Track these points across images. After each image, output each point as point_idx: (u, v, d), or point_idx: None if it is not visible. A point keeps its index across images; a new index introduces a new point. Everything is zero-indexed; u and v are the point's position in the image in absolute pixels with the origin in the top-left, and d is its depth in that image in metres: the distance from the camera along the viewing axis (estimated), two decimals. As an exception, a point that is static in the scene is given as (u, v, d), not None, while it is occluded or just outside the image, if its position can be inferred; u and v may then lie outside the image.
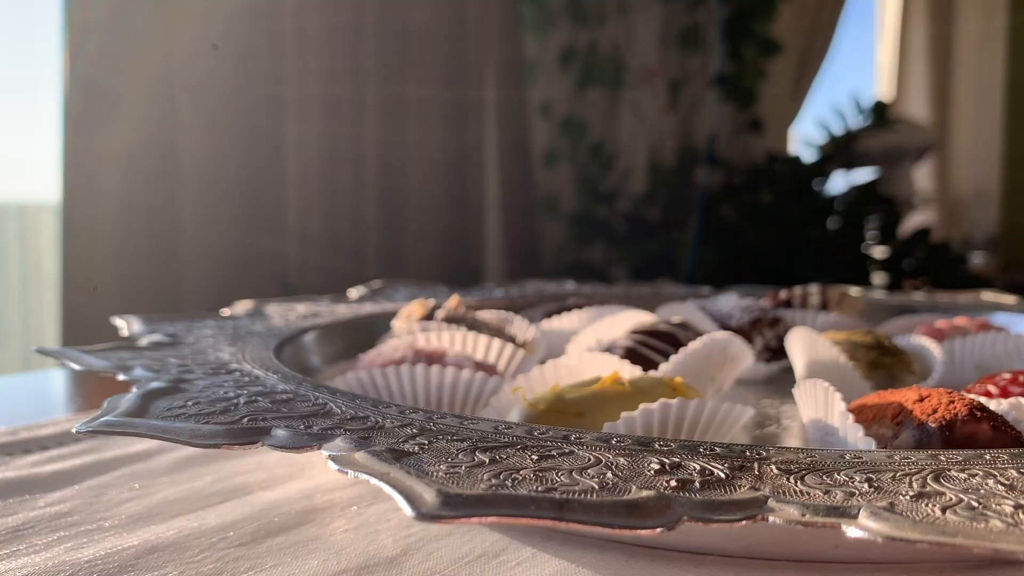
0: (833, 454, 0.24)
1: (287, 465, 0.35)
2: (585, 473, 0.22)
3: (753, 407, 0.35)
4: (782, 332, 0.54)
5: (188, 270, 1.33)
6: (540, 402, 0.33)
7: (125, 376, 0.35)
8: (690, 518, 0.20)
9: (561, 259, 1.92)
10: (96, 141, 1.22)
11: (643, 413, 0.31)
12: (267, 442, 0.26)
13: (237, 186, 1.38)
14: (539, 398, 0.33)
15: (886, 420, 0.31)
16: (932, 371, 0.45)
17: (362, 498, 0.31)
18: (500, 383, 0.41)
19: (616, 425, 0.31)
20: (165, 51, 1.29)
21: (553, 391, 0.34)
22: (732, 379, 0.46)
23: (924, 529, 0.18)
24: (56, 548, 0.27)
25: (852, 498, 0.20)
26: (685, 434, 0.33)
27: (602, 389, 0.33)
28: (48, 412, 0.46)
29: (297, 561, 0.26)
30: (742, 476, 0.22)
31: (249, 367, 0.38)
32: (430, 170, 1.68)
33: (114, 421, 0.28)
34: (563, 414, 0.32)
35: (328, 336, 0.56)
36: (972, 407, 0.29)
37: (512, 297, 0.76)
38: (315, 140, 1.49)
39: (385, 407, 0.30)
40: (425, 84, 1.66)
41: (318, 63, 1.48)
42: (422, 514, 0.19)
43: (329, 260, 1.51)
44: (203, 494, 0.32)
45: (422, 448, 0.24)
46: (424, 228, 1.66)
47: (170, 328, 0.49)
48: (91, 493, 0.32)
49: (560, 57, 2.00)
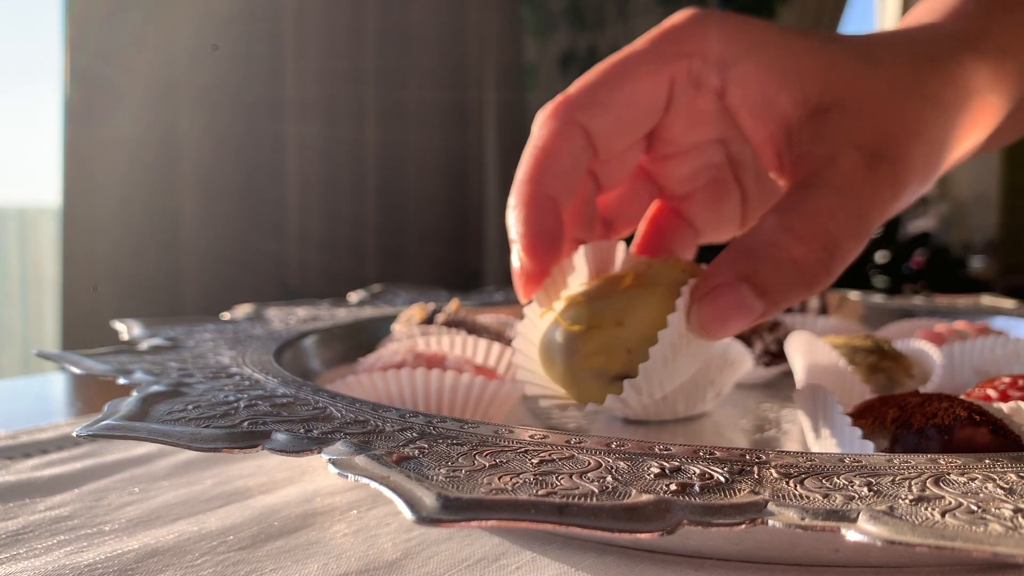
0: (832, 458, 0.24)
1: (287, 469, 0.35)
2: (585, 477, 0.22)
3: (752, 410, 0.35)
4: (781, 336, 0.54)
5: (188, 273, 1.33)
6: (578, 321, 0.31)
7: (125, 380, 0.35)
8: (690, 522, 0.20)
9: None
10: (96, 141, 1.22)
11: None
12: (267, 446, 0.26)
13: (237, 189, 1.38)
14: (574, 316, 0.32)
15: (885, 424, 0.31)
16: (931, 375, 0.45)
17: (362, 502, 0.31)
18: (500, 386, 0.41)
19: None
20: (165, 50, 1.29)
21: (579, 304, 0.32)
22: (731, 383, 0.46)
23: (924, 533, 0.18)
24: (56, 552, 0.27)
25: (852, 502, 0.20)
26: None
27: (627, 290, 0.32)
28: (48, 416, 0.46)
29: (297, 565, 0.26)
30: (742, 480, 0.22)
31: (249, 371, 0.39)
32: (430, 173, 1.68)
33: (114, 425, 0.28)
34: (603, 328, 0.31)
35: (328, 340, 0.56)
36: (972, 411, 0.29)
37: (512, 300, 0.76)
38: (315, 142, 1.49)
39: (385, 411, 0.30)
40: (425, 87, 1.66)
41: (318, 65, 1.49)
42: (422, 518, 0.19)
43: (329, 262, 1.51)
44: (203, 498, 0.32)
45: (422, 452, 0.24)
46: (424, 231, 1.66)
47: (170, 332, 0.49)
48: (91, 497, 0.32)
49: (560, 61, 2.01)
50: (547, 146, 0.33)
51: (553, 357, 0.32)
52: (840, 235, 0.30)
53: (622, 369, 0.31)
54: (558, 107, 0.34)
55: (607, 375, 0.31)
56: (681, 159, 0.38)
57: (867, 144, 0.30)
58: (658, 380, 0.31)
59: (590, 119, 0.33)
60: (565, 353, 0.32)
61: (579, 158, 0.33)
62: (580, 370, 0.31)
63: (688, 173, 0.38)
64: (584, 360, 0.31)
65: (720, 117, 0.35)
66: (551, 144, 0.33)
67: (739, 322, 0.30)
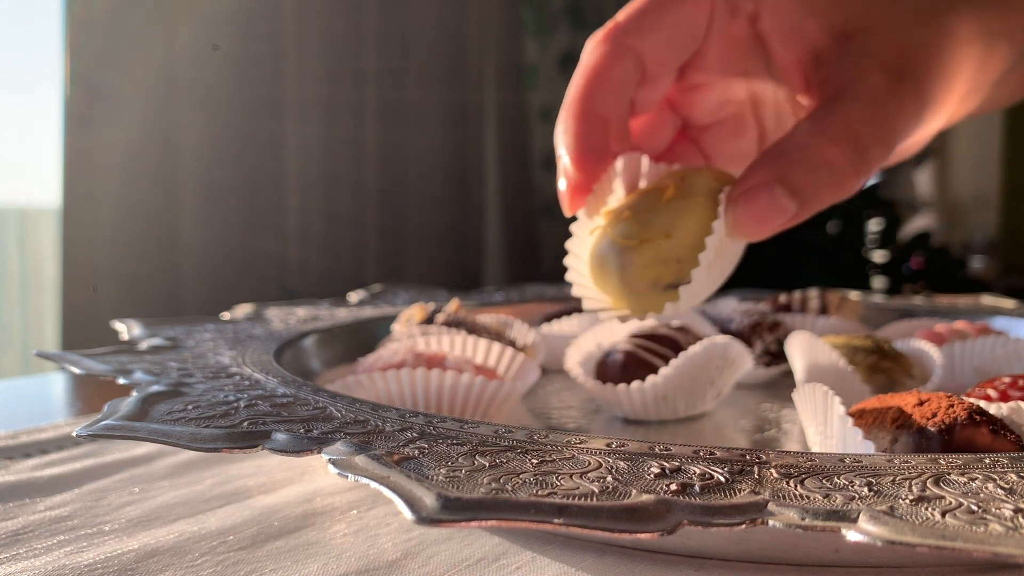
0: (833, 458, 0.24)
1: (287, 469, 0.35)
2: (585, 477, 0.22)
3: (752, 410, 0.35)
4: (782, 336, 0.54)
5: (188, 273, 1.33)
6: (629, 235, 0.33)
7: (125, 380, 0.35)
8: (690, 522, 0.20)
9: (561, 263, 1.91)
10: (96, 141, 1.22)
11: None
12: (267, 446, 0.26)
13: (237, 189, 1.38)
14: (624, 231, 0.33)
15: (886, 424, 0.31)
16: (932, 375, 0.45)
17: (362, 502, 0.31)
18: (500, 386, 0.41)
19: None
20: (165, 51, 1.29)
21: (627, 218, 0.34)
22: (732, 383, 0.46)
23: (924, 533, 0.18)
24: (56, 552, 0.27)
25: (852, 502, 0.20)
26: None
27: (671, 202, 0.33)
28: (48, 416, 0.46)
29: (297, 565, 0.26)
30: (742, 480, 0.22)
31: (249, 371, 0.39)
32: (430, 173, 1.68)
33: (114, 425, 0.28)
34: (653, 241, 0.33)
35: (328, 340, 0.56)
36: (972, 411, 0.29)
37: (512, 300, 0.76)
38: (315, 143, 1.49)
39: (385, 411, 0.30)
40: (425, 87, 1.66)
41: (318, 65, 1.49)
42: (422, 518, 0.19)
43: (329, 263, 1.51)
44: (203, 498, 0.32)
45: (422, 452, 0.24)
46: (424, 231, 1.66)
47: (170, 332, 0.49)
48: (91, 497, 0.32)
49: (560, 61, 2.01)
50: (598, 67, 0.35)
51: (606, 271, 0.34)
52: (869, 140, 0.31)
53: (674, 278, 0.33)
54: (609, 32, 0.36)
55: (661, 284, 0.33)
56: (708, 90, 0.40)
57: (891, 64, 0.32)
58: (708, 285, 0.34)
59: (639, 42, 0.35)
60: (618, 266, 0.33)
61: (628, 79, 0.36)
62: (635, 282, 0.33)
63: (713, 105, 0.40)
64: (638, 273, 0.33)
65: (751, 45, 0.37)
66: (602, 65, 0.35)
67: (774, 222, 0.32)
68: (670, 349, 0.44)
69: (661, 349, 0.44)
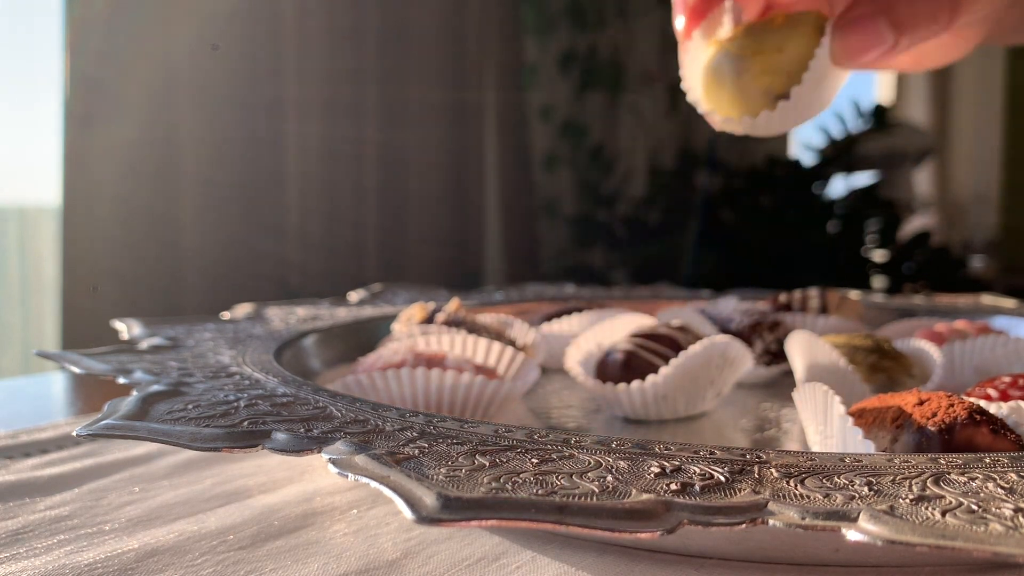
0: (833, 457, 0.24)
1: (287, 468, 0.35)
2: (585, 476, 0.22)
3: (752, 410, 0.35)
4: (782, 335, 0.54)
5: (188, 273, 1.33)
6: (745, 48, 0.37)
7: (125, 379, 0.35)
8: (690, 522, 0.20)
9: (561, 262, 1.92)
10: (96, 141, 1.22)
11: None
12: (267, 445, 0.26)
13: (237, 188, 1.38)
14: (741, 44, 0.37)
15: (886, 423, 0.31)
16: (932, 374, 0.45)
17: (362, 501, 0.31)
18: (500, 386, 0.41)
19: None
20: (165, 51, 1.29)
21: (742, 35, 0.38)
22: (732, 382, 0.46)
23: (924, 532, 0.18)
24: (56, 551, 0.27)
25: (852, 501, 0.20)
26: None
27: (781, 27, 0.37)
28: (48, 415, 0.46)
29: (297, 565, 0.26)
30: (742, 480, 0.22)
31: (249, 370, 0.39)
32: (430, 173, 1.68)
33: (114, 424, 0.28)
34: (767, 53, 0.37)
35: (328, 339, 0.56)
36: (972, 411, 0.29)
37: (512, 300, 0.76)
38: (315, 142, 1.49)
39: (385, 410, 0.30)
40: (425, 87, 1.66)
41: (318, 65, 1.48)
42: (422, 517, 0.19)
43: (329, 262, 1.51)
44: (203, 497, 0.32)
45: (422, 451, 0.24)
46: (424, 231, 1.66)
47: (170, 331, 0.49)
48: (91, 496, 0.32)
49: (560, 60, 2.01)
50: None
51: (722, 77, 0.38)
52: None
53: (783, 88, 0.37)
54: None
55: (772, 93, 0.37)
56: None
57: None
58: (806, 108, 0.38)
59: None
60: (735, 72, 0.38)
61: None
62: (749, 87, 0.38)
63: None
64: (753, 79, 0.37)
65: None
66: None
67: (874, 51, 0.35)
68: (670, 348, 0.44)
69: (661, 348, 0.44)
